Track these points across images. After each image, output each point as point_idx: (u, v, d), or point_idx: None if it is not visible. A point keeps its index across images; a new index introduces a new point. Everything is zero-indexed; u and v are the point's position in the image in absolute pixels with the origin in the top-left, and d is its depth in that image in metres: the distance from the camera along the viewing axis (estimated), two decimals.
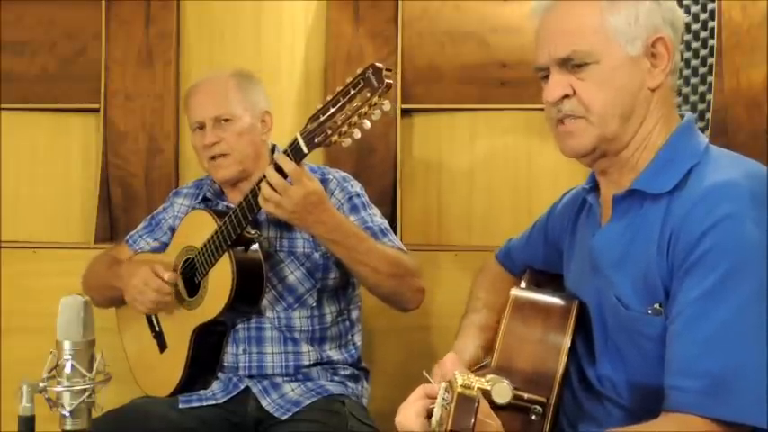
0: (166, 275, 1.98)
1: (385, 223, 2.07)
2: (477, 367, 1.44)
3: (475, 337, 1.57)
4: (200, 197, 2.16)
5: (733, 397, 1.17)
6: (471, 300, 1.71)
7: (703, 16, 2.44)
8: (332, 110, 1.70)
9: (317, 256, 2.02)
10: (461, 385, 1.04)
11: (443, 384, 1.10)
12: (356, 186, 2.11)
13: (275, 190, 1.77)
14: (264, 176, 1.79)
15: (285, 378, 2.01)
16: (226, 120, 2.05)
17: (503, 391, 1.09)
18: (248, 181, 2.05)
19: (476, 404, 1.03)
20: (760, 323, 1.17)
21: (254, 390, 1.99)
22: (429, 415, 1.15)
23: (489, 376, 1.09)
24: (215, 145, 2.04)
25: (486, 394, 1.07)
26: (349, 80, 1.69)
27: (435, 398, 1.12)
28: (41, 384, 1.24)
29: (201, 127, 2.07)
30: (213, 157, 2.05)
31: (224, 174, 2.06)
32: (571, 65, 1.33)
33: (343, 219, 1.90)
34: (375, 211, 2.09)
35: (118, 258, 2.20)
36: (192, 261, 2.02)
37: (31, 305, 2.52)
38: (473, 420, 1.02)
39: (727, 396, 1.17)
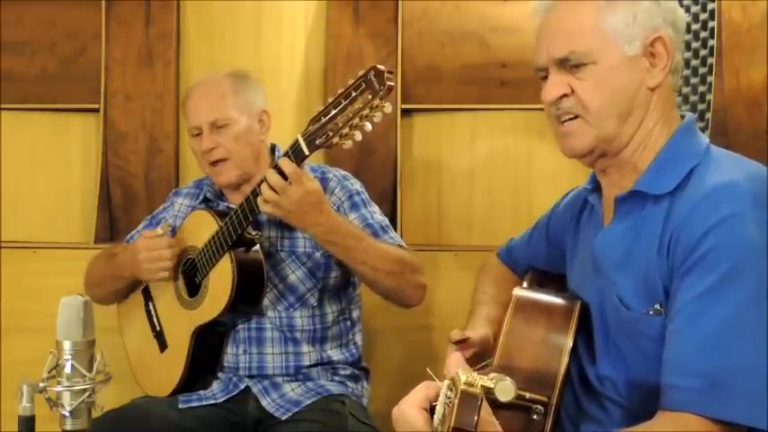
0: (159, 230, 2.00)
1: (385, 220, 2.07)
2: (478, 367, 1.44)
3: (485, 327, 1.57)
4: (201, 197, 2.15)
5: (730, 396, 1.17)
6: (477, 293, 1.71)
7: (703, 16, 2.44)
8: (333, 111, 1.70)
9: (318, 255, 2.02)
10: (464, 383, 1.04)
11: (446, 382, 1.10)
12: (356, 184, 2.11)
13: (274, 190, 1.77)
14: (265, 178, 1.79)
15: (285, 378, 2.01)
16: (222, 125, 2.04)
17: (506, 389, 1.09)
18: (249, 182, 2.05)
19: (479, 402, 1.02)
20: (759, 323, 1.17)
21: (255, 390, 1.99)
22: (431, 412, 1.15)
23: (492, 374, 1.09)
24: (213, 150, 2.04)
25: (490, 392, 1.07)
26: (351, 82, 1.69)
27: (437, 395, 1.12)
28: (41, 384, 1.24)
29: (199, 132, 2.06)
30: (213, 163, 2.05)
31: (226, 179, 2.06)
32: (569, 65, 1.34)
33: (341, 220, 1.90)
34: (375, 208, 2.09)
35: (116, 253, 2.19)
36: (192, 261, 2.02)
37: (31, 305, 2.52)
38: (476, 417, 1.02)
39: (723, 395, 1.17)
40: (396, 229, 2.51)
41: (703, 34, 2.44)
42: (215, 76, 2.12)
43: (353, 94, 1.68)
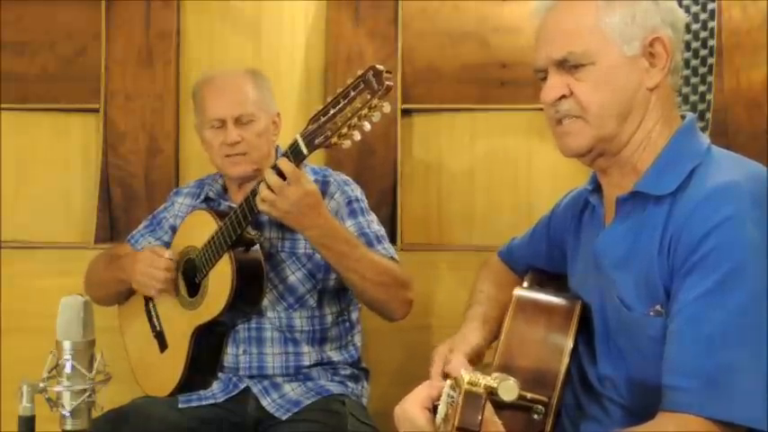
0: (167, 253, 2.00)
1: (381, 230, 2.06)
2: (479, 367, 1.45)
3: (478, 329, 1.56)
4: (202, 197, 2.15)
5: (730, 397, 1.17)
6: (475, 293, 1.70)
7: (703, 16, 2.44)
8: (332, 111, 1.70)
9: (318, 257, 2.02)
10: (468, 382, 1.04)
11: (449, 382, 1.10)
12: (356, 191, 2.10)
13: (272, 190, 1.77)
14: (263, 178, 1.79)
15: (285, 378, 2.01)
16: (247, 121, 2.03)
17: (510, 389, 1.09)
18: (253, 181, 2.05)
19: (483, 401, 1.03)
20: (759, 324, 1.17)
21: (255, 390, 1.99)
22: (433, 411, 1.15)
23: (495, 374, 1.09)
24: (237, 144, 2.03)
25: (493, 391, 1.07)
26: (349, 82, 1.69)
27: (440, 395, 1.12)
28: (41, 384, 1.24)
29: (221, 125, 2.04)
30: (230, 155, 2.04)
31: (240, 170, 2.05)
32: (568, 66, 1.34)
33: (337, 224, 1.90)
34: (373, 217, 2.08)
35: (119, 254, 2.20)
36: (192, 261, 2.02)
37: (30, 305, 2.51)
38: (480, 417, 1.02)
39: (723, 396, 1.17)
40: (396, 230, 2.52)
41: (703, 34, 2.44)
42: (233, 71, 2.11)
43: (352, 93, 1.68)
